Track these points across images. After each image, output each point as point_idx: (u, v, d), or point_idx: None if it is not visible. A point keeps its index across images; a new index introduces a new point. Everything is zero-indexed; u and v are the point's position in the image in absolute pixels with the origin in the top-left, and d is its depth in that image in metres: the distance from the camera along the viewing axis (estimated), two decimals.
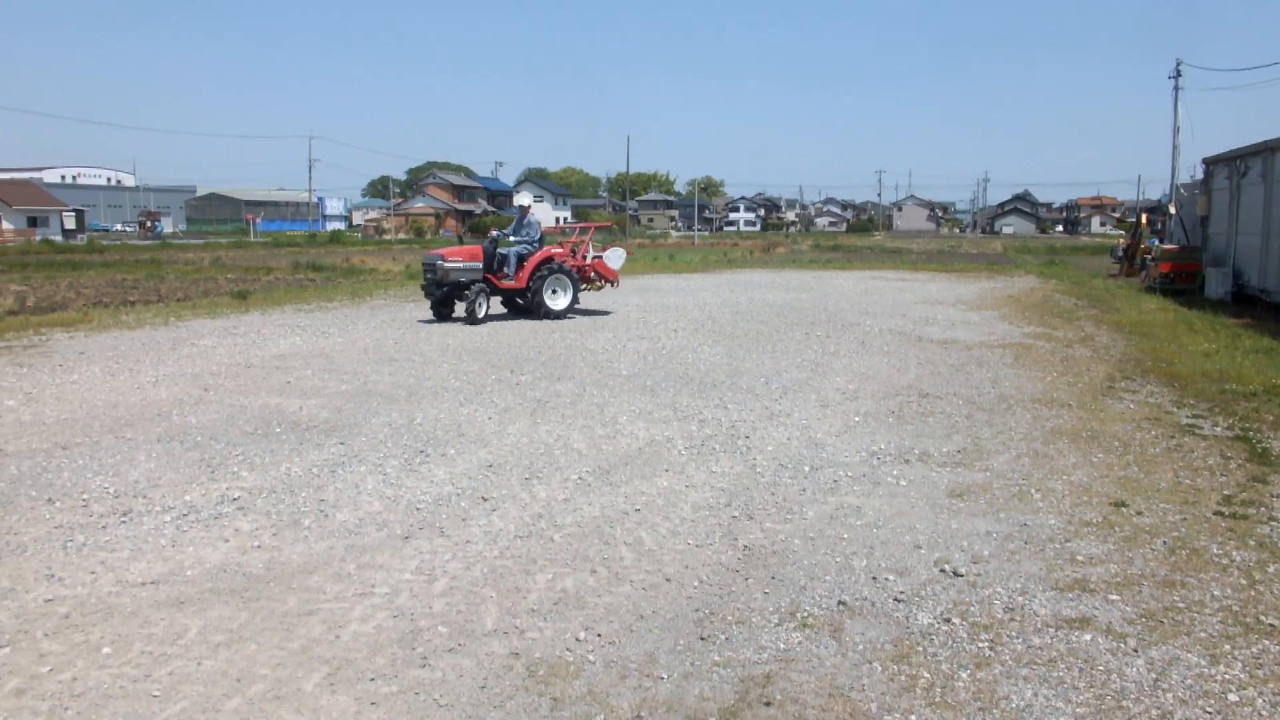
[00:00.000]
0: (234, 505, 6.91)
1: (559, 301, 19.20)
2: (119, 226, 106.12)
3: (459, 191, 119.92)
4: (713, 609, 5.19)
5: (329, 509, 6.84)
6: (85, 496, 7.07)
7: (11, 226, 72.82)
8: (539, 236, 19.58)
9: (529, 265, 19.01)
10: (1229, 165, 25.35)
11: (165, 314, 19.52)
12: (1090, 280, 31.45)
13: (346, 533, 6.36)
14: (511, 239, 19.42)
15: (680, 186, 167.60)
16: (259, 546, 6.10)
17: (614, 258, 21.27)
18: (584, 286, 20.31)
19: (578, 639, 4.82)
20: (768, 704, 4.19)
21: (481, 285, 18.43)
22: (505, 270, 19.00)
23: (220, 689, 4.30)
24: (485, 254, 18.86)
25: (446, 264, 18.38)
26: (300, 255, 47.24)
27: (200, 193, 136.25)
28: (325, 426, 9.33)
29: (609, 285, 21.30)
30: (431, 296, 18.89)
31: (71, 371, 12.33)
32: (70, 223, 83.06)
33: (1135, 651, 4.67)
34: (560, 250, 19.79)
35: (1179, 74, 44.17)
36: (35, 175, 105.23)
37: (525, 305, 19.16)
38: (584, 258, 20.36)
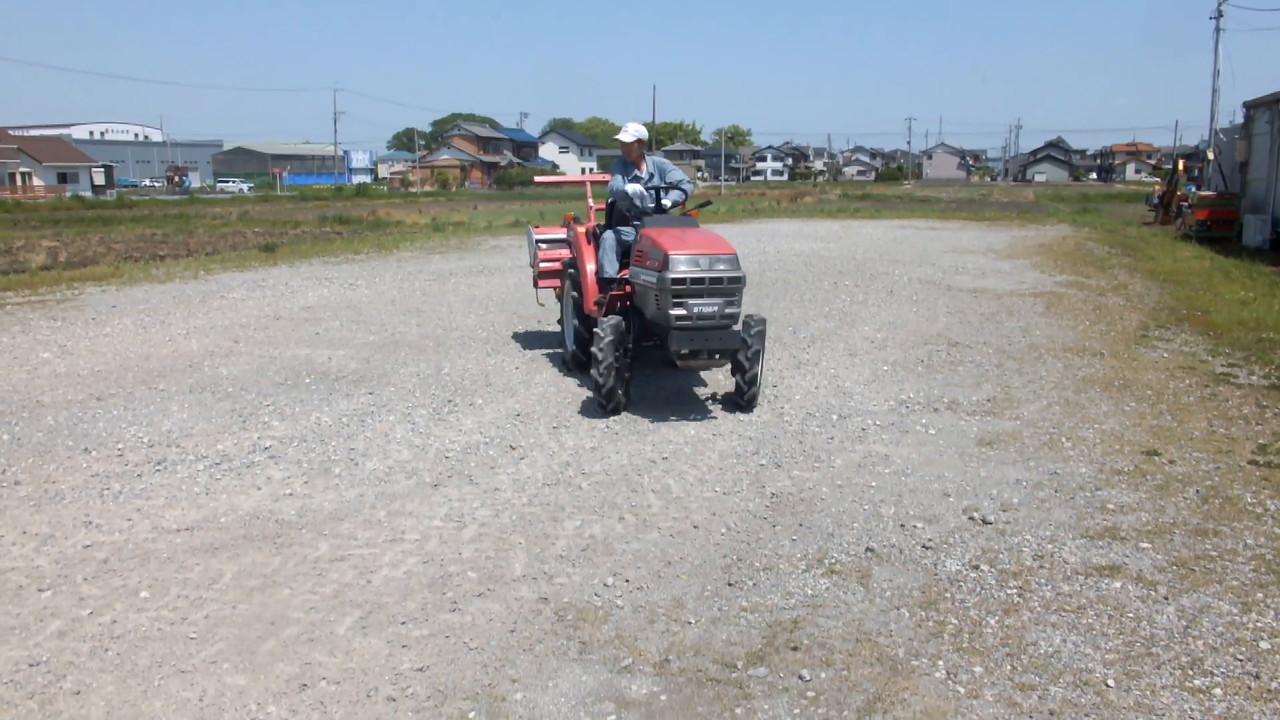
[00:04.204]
0: (265, 454, 6.98)
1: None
2: (147, 181, 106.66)
3: (484, 143, 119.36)
4: (740, 555, 5.21)
5: (359, 457, 6.90)
6: (120, 446, 7.17)
7: (42, 183, 73.37)
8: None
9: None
10: (1270, 109, 24.71)
11: (194, 267, 19.66)
12: (1124, 228, 30.93)
13: (376, 480, 6.42)
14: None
15: (707, 136, 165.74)
16: (290, 494, 6.17)
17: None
18: None
19: (606, 584, 4.85)
20: (795, 649, 4.20)
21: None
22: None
23: (255, 631, 4.38)
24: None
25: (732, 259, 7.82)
26: (327, 208, 47.32)
27: (227, 147, 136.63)
28: (354, 377, 9.39)
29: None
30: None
31: (104, 325, 12.46)
32: (99, 178, 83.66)
33: (1166, 599, 4.64)
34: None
35: (1220, 14, 42.84)
36: (64, 132, 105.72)
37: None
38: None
